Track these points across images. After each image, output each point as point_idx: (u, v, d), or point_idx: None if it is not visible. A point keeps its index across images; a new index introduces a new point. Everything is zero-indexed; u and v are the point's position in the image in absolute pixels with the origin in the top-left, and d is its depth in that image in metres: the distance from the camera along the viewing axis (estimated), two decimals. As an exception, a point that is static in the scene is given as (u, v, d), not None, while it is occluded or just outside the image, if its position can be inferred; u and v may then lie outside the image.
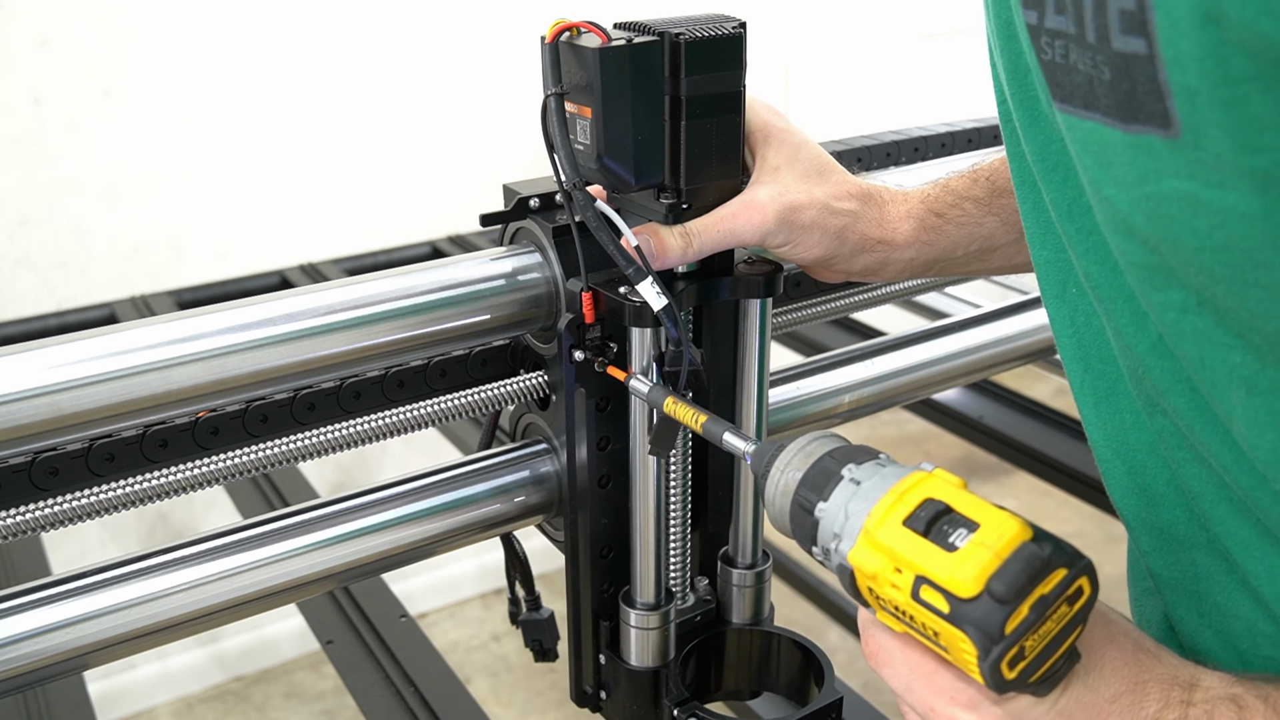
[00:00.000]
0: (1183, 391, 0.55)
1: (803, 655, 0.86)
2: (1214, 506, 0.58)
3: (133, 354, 0.69)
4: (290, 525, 0.80)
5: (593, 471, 0.82)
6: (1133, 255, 0.51)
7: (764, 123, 0.78)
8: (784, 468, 0.58)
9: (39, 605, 0.72)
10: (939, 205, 0.81)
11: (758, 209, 0.75)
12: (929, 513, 0.51)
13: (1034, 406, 1.62)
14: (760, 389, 0.83)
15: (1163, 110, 0.43)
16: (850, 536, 0.53)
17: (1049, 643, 0.49)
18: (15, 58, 2.02)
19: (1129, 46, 0.43)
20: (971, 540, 0.49)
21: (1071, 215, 0.58)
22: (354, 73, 2.34)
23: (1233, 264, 0.45)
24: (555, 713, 2.46)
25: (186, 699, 2.54)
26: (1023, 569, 0.47)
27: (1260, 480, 0.53)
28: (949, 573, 0.48)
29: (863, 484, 0.54)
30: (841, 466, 0.56)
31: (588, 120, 0.71)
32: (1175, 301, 0.50)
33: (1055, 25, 0.47)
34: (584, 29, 0.70)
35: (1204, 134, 0.43)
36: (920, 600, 0.50)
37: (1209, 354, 0.50)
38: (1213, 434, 0.55)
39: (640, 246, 0.73)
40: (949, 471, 0.54)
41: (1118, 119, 0.46)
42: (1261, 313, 0.46)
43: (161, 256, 2.25)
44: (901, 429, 3.40)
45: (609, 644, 0.86)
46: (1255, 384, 0.49)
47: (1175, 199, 0.45)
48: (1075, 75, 0.47)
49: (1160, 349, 0.55)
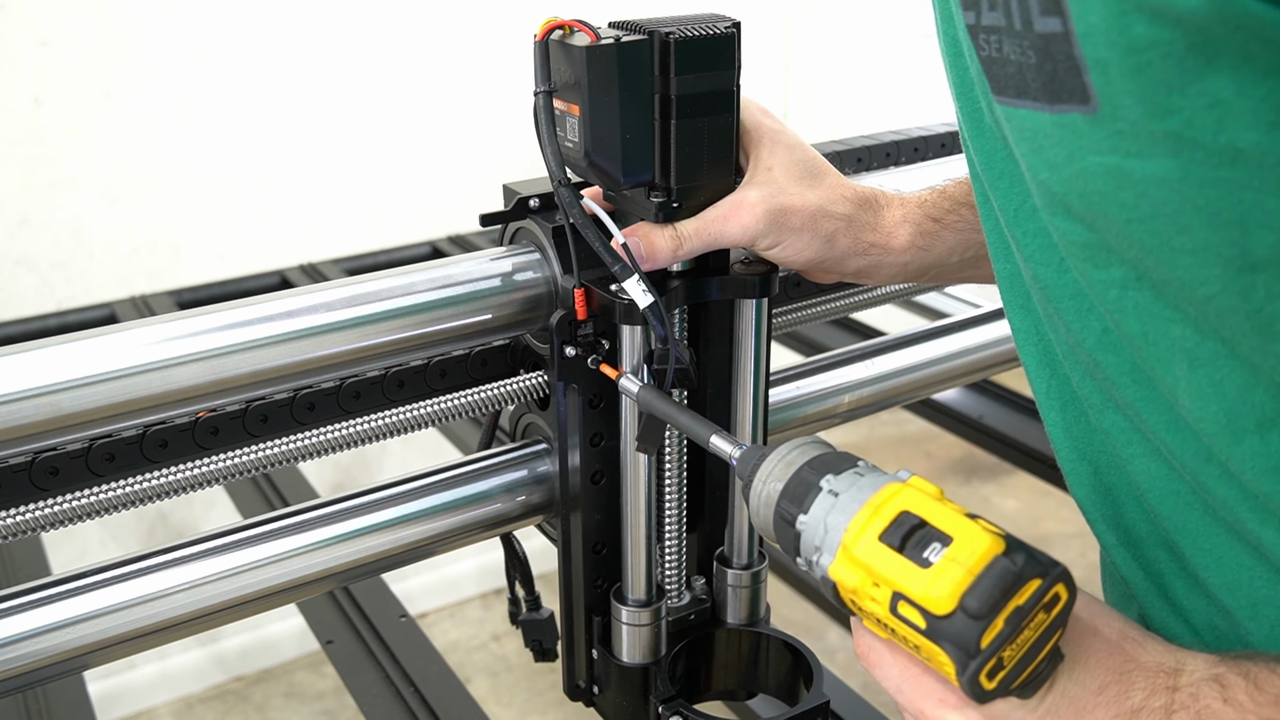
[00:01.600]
0: (1130, 381, 0.56)
1: (793, 657, 0.86)
2: (1163, 501, 0.59)
3: (133, 354, 0.69)
4: (290, 525, 0.80)
5: (585, 468, 0.82)
6: (1072, 235, 0.52)
7: (757, 124, 0.78)
8: (766, 479, 0.59)
9: (39, 605, 0.72)
10: (936, 211, 0.82)
11: (747, 210, 0.75)
12: (904, 527, 0.51)
13: (1034, 406, 1.61)
14: (757, 389, 0.82)
15: (1081, 86, 0.45)
16: (830, 551, 0.54)
17: (1028, 650, 0.50)
18: (15, 58, 2.02)
19: (1048, 26, 0.45)
20: (945, 555, 0.49)
21: (1019, 219, 0.59)
22: (354, 73, 2.34)
23: (1159, 232, 0.47)
24: (555, 713, 2.46)
25: (186, 699, 2.54)
26: (995, 584, 0.48)
27: (1205, 460, 0.54)
28: (924, 590, 0.49)
29: (840, 496, 0.55)
30: (820, 477, 0.56)
31: (576, 118, 0.71)
32: (1116, 279, 0.51)
33: (990, 21, 0.49)
34: (575, 27, 0.71)
35: (1119, 105, 0.44)
36: (898, 615, 0.51)
37: (1151, 329, 0.51)
38: (1160, 418, 0.55)
39: (629, 246, 0.73)
40: (926, 480, 0.55)
41: (1045, 101, 0.47)
42: (1190, 280, 0.47)
43: (161, 256, 2.25)
44: (901, 429, 3.40)
45: (601, 639, 0.86)
46: (1196, 356, 0.50)
47: (1101, 174, 0.47)
48: (1008, 66, 0.49)
49: (1106, 341, 0.56)
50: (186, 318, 0.72)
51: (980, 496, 3.11)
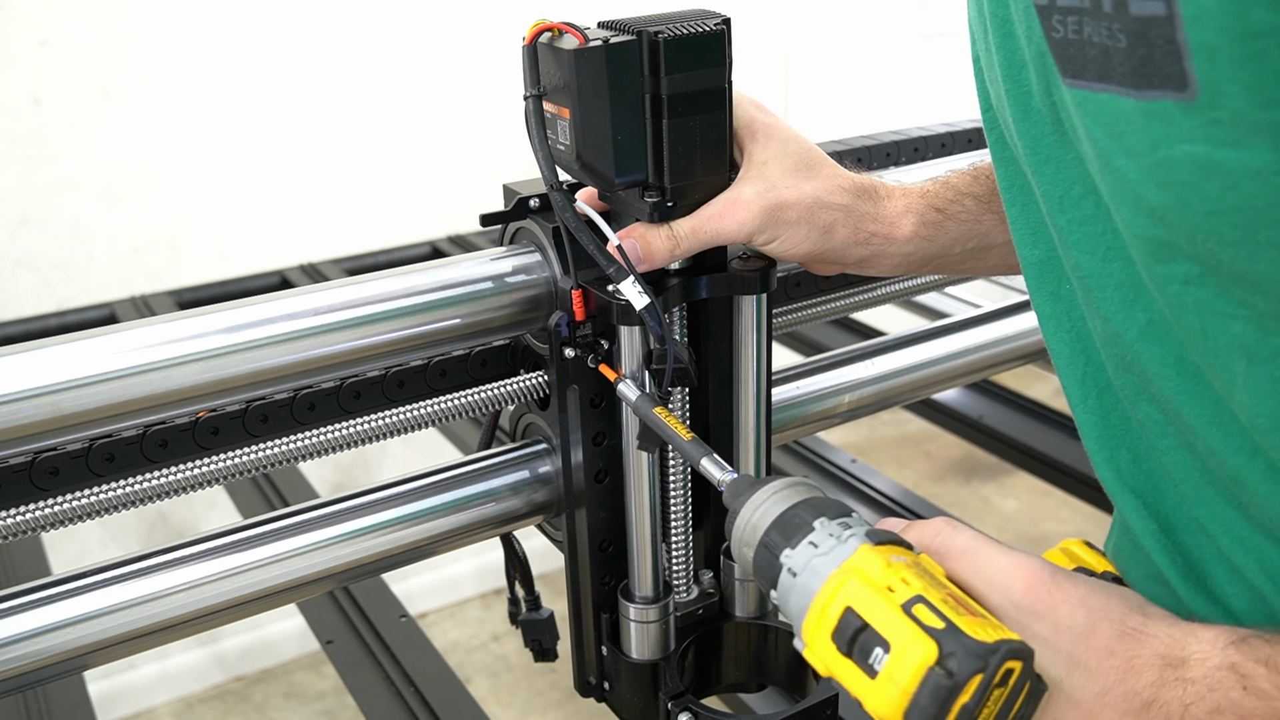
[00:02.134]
0: (1173, 374, 0.56)
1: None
2: (1199, 492, 0.59)
3: (133, 354, 0.69)
4: (290, 525, 0.80)
5: (589, 467, 0.82)
6: (1139, 228, 0.51)
7: (750, 119, 0.77)
8: (753, 511, 0.60)
9: (39, 605, 0.72)
10: (939, 201, 0.82)
11: (742, 206, 0.75)
12: (849, 629, 0.52)
13: (1034, 406, 1.62)
14: (759, 386, 0.83)
15: (1179, 72, 0.44)
16: (799, 634, 0.56)
17: (997, 714, 0.51)
18: (15, 58, 2.02)
19: (1146, 10, 0.45)
20: (884, 669, 0.51)
21: (1064, 206, 0.58)
22: (354, 73, 2.34)
23: (1244, 225, 0.46)
24: (555, 713, 2.46)
25: (186, 699, 2.54)
26: (931, 701, 0.49)
27: (1250, 456, 0.54)
28: (870, 702, 0.51)
29: (811, 563, 0.55)
30: (799, 536, 0.56)
31: (567, 121, 0.71)
32: (1179, 274, 0.51)
33: (1067, 2, 0.49)
34: (563, 30, 0.71)
35: (1221, 92, 0.44)
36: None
37: (1211, 325, 0.51)
38: (1201, 413, 0.55)
39: (626, 248, 0.73)
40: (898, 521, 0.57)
41: (1131, 87, 0.47)
42: (1271, 274, 0.47)
43: (161, 256, 2.25)
44: (901, 429, 3.40)
45: (610, 636, 0.86)
46: (1256, 353, 0.50)
47: (1187, 163, 0.46)
48: (1089, 49, 0.48)
49: (1151, 334, 0.56)
50: (186, 318, 0.72)
51: (980, 496, 3.11)
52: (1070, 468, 1.47)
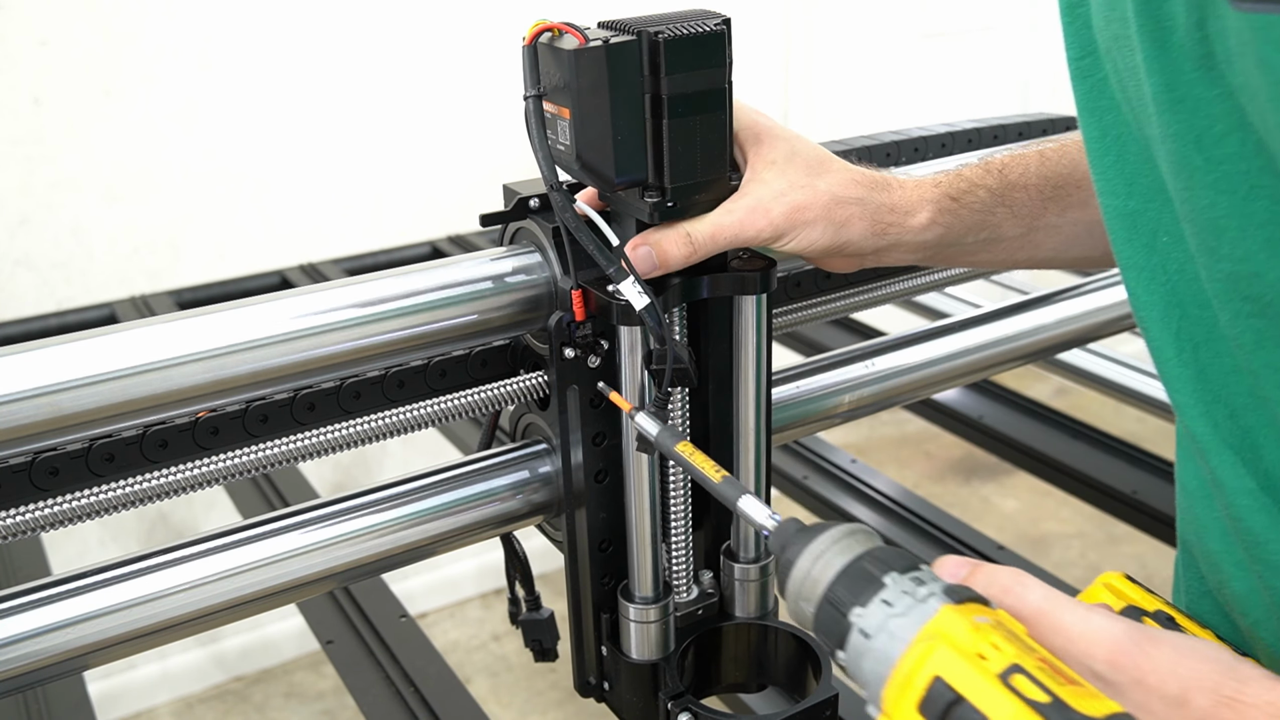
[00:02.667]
0: None
1: (802, 649, 0.86)
2: None
3: (133, 354, 0.69)
4: (290, 525, 0.80)
5: (589, 467, 0.82)
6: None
7: (752, 121, 0.77)
8: (812, 562, 0.54)
9: (39, 605, 0.72)
10: (954, 190, 0.82)
11: (761, 213, 0.75)
12: (940, 701, 0.47)
13: (1034, 406, 1.62)
14: (759, 386, 0.83)
15: None
16: (875, 701, 0.50)
17: None
18: (15, 58, 2.02)
19: None
20: None
21: (1201, 145, 0.55)
22: (354, 73, 2.34)
23: None
24: (555, 713, 2.46)
25: (186, 699, 2.55)
26: None
27: None
28: None
29: (887, 624, 0.50)
30: (869, 593, 0.51)
31: (567, 121, 0.71)
32: None
33: None
34: (563, 30, 0.71)
35: None
36: None
37: None
38: None
39: (640, 258, 0.73)
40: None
41: None
42: None
43: (161, 256, 2.25)
44: (901, 429, 3.40)
45: (610, 636, 0.86)
46: None
47: None
48: None
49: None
50: (186, 318, 0.72)
51: (980, 496, 3.11)
52: (1070, 468, 1.47)
